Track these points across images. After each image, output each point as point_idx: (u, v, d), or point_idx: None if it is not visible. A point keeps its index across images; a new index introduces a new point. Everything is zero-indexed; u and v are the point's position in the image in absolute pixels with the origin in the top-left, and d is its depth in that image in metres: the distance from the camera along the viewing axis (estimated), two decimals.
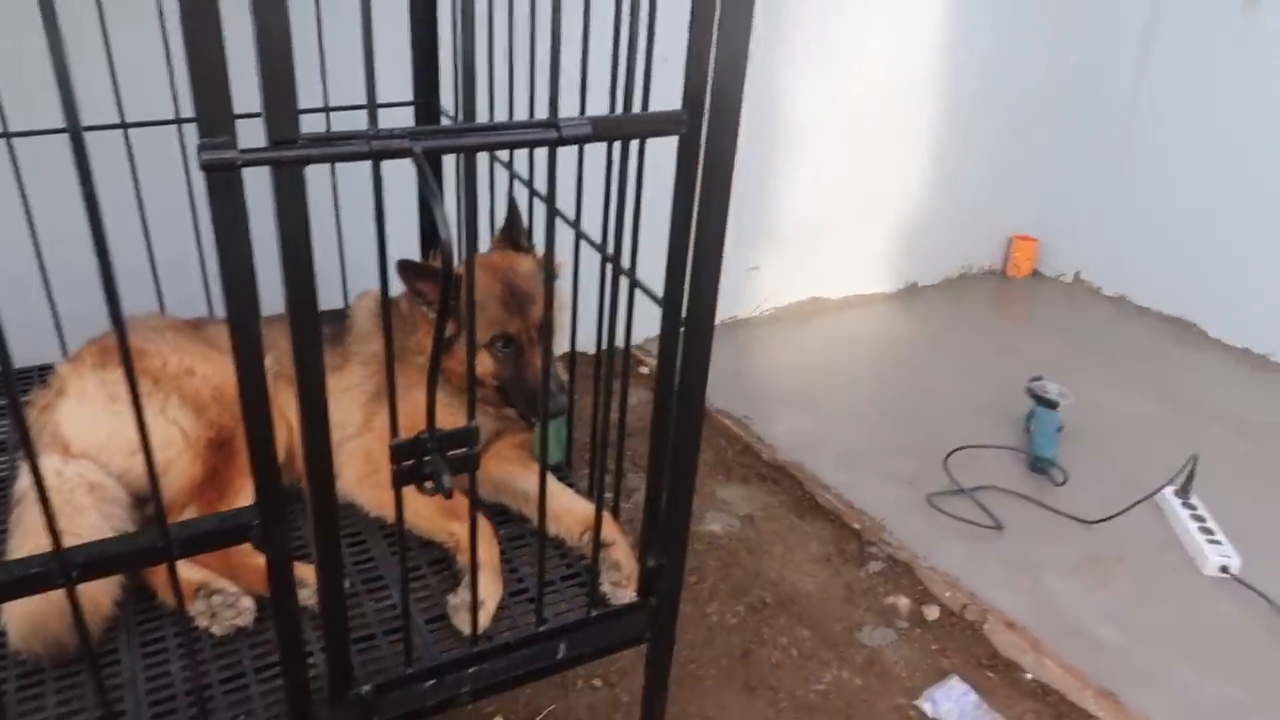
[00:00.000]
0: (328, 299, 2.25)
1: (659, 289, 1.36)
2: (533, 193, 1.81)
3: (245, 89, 0.94)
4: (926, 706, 2.07)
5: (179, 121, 2.05)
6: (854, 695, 2.11)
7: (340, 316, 2.03)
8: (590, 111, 1.29)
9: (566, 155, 1.43)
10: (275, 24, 0.91)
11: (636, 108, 1.30)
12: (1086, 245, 4.03)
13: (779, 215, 3.51)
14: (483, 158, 1.91)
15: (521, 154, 1.85)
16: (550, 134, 1.07)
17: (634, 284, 1.44)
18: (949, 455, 2.83)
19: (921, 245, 3.95)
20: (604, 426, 1.57)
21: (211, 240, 0.97)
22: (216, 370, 1.80)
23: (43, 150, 1.94)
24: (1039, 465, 2.77)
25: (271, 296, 1.07)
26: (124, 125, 2.03)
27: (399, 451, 1.23)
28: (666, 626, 1.64)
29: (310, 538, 1.26)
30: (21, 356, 2.11)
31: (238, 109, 0.93)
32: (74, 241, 2.07)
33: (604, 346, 1.58)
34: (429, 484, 1.27)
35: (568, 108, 1.23)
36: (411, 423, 1.89)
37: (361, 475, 1.83)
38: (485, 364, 1.83)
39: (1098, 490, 2.69)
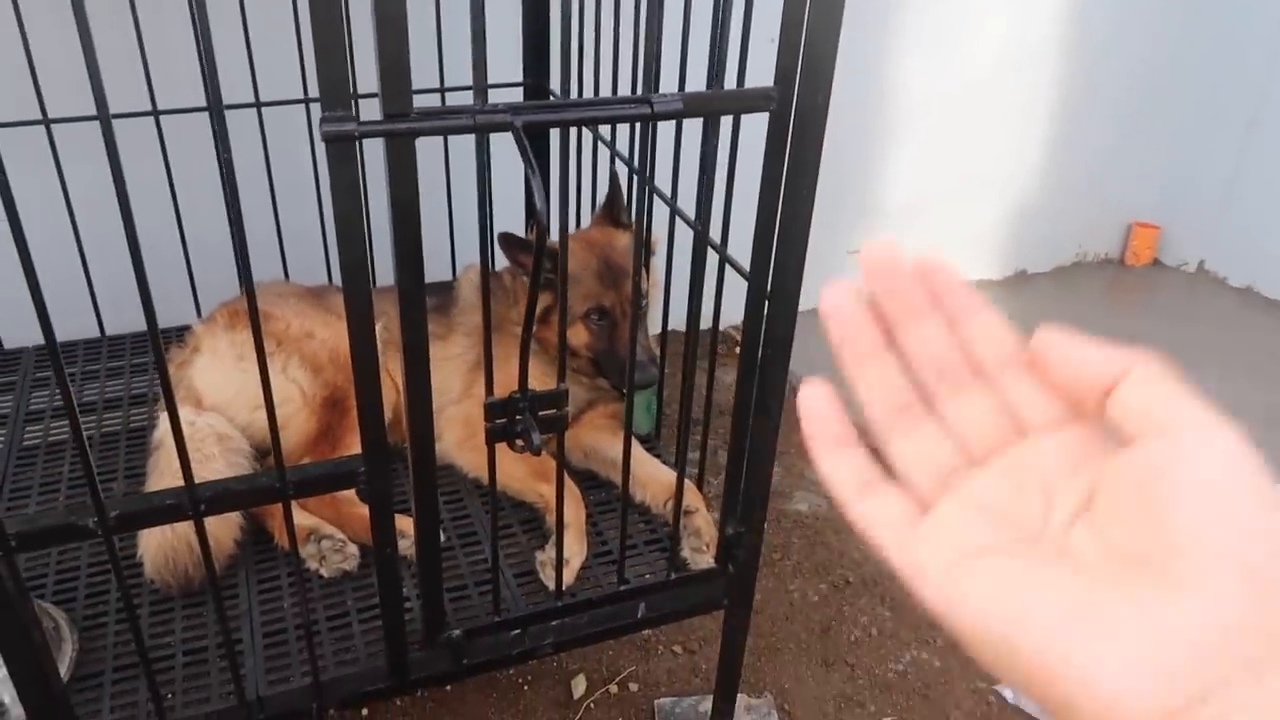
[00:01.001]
0: (437, 272, 2.37)
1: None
2: (631, 170, 1.87)
3: (368, 72, 1.03)
4: (1007, 693, 2.07)
5: (306, 101, 2.18)
6: (932, 676, 2.12)
7: (447, 288, 2.14)
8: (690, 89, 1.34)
9: (667, 133, 1.50)
10: (391, 6, 0.98)
11: (733, 85, 1.34)
12: (1212, 233, 3.85)
13: (882, 197, 3.48)
14: (588, 137, 1.98)
15: (624, 132, 1.91)
16: (644, 109, 1.12)
17: (724, 259, 1.48)
18: None
19: (1032, 230, 3.85)
20: (689, 398, 1.62)
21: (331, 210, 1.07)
22: (333, 334, 1.92)
23: (182, 127, 2.11)
24: None
25: (384, 269, 1.15)
26: (258, 105, 2.17)
27: (492, 409, 1.31)
28: (743, 593, 1.69)
29: (413, 491, 1.35)
30: (162, 318, 2.30)
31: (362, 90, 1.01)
32: (208, 213, 2.25)
33: (693, 321, 1.63)
34: (519, 442, 1.34)
35: (670, 86, 1.28)
36: (509, 390, 1.99)
37: (461, 439, 1.93)
38: (580, 335, 1.91)
39: None
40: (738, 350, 3.09)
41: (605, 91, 1.85)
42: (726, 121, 1.33)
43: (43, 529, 1.17)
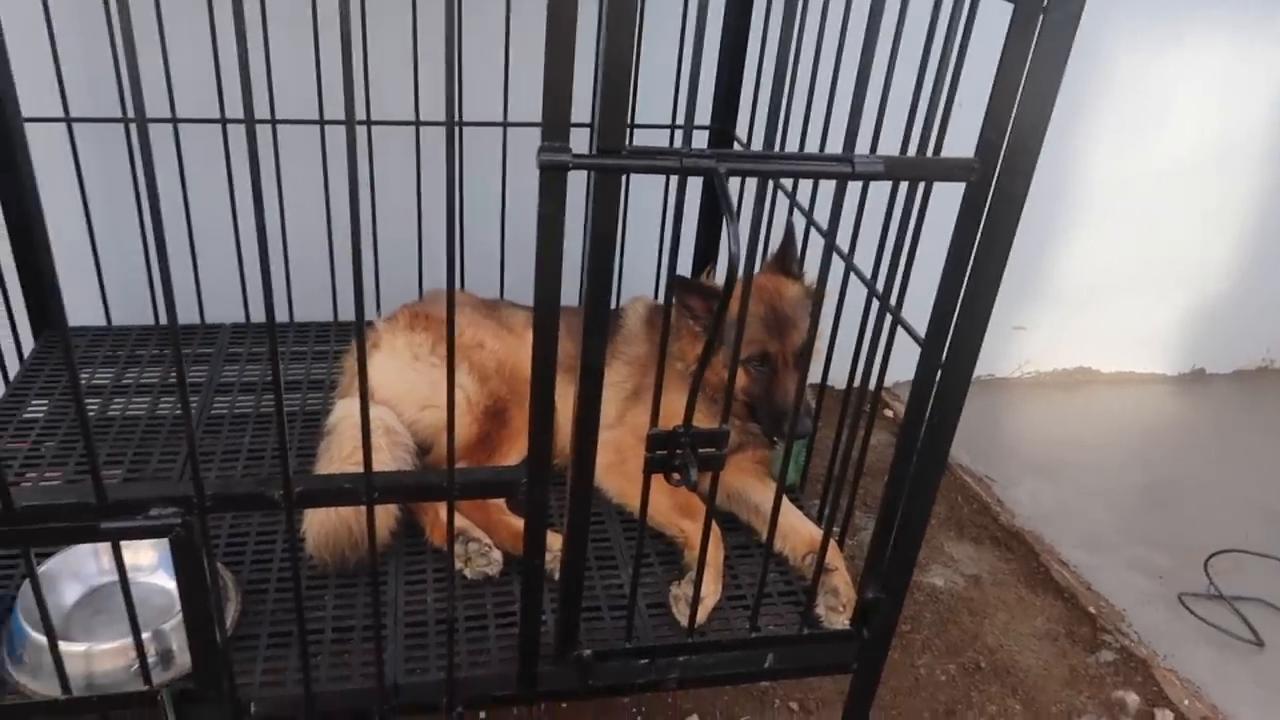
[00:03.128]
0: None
1: (920, 331, 1.39)
2: (810, 224, 1.88)
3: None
4: None
5: (505, 125, 2.29)
6: None
7: (611, 317, 2.19)
8: (881, 150, 1.35)
9: (851, 191, 1.51)
10: (621, 49, 1.04)
11: (923, 151, 1.34)
12: None
13: (1055, 276, 3.37)
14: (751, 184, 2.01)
15: (805, 184, 1.93)
16: (844, 168, 1.14)
17: (897, 321, 1.47)
18: (1211, 557, 2.61)
19: (1216, 329, 3.64)
20: (845, 456, 1.61)
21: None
22: (502, 346, 2.01)
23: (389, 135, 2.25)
24: None
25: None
26: (459, 124, 2.30)
27: (654, 441, 1.34)
28: (875, 660, 1.66)
29: (567, 509, 1.39)
30: (343, 313, 2.43)
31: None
32: (393, 219, 2.37)
33: (858, 379, 1.63)
34: (675, 476, 1.36)
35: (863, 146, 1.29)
36: (663, 423, 2.02)
37: (610, 464, 1.97)
38: (739, 379, 1.92)
39: None
40: (886, 413, 3.05)
41: (791, 145, 1.88)
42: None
43: (235, 495, 1.27)
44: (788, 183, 1.97)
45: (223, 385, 2.18)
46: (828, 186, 1.63)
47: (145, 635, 1.31)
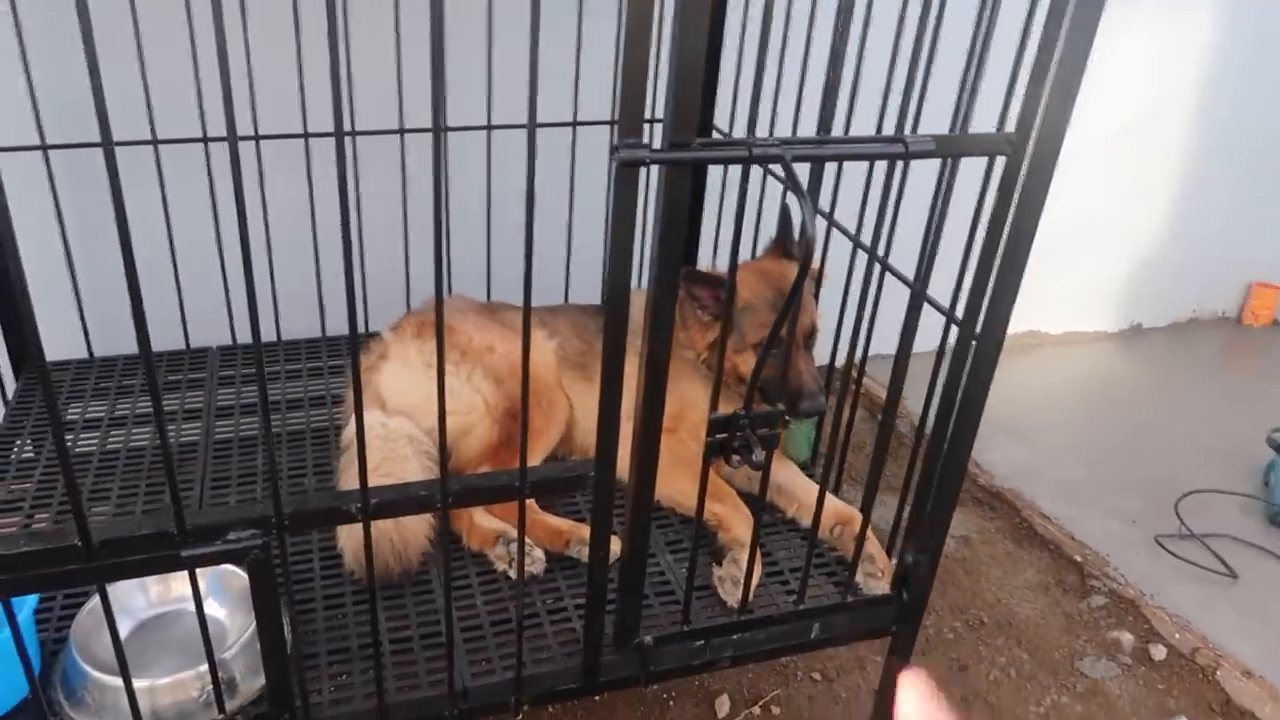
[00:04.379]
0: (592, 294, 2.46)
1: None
2: (801, 202, 1.94)
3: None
4: None
5: (575, 124, 2.31)
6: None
7: None
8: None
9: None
10: (693, 46, 1.07)
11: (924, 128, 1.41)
12: None
13: None
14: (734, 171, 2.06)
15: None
16: (898, 148, 1.19)
17: (921, 297, 1.54)
18: (1179, 500, 2.77)
19: (1150, 286, 3.84)
20: (888, 429, 1.66)
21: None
22: (512, 348, 2.01)
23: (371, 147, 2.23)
24: None
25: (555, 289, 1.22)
26: (533, 125, 2.29)
27: (715, 425, 1.38)
28: (913, 621, 1.73)
29: (629, 501, 1.42)
30: (338, 326, 2.41)
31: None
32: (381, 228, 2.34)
33: (856, 355, 1.69)
34: (736, 457, 1.40)
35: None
36: (678, 409, 2.05)
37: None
38: (751, 363, 1.97)
39: None
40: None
41: (761, 132, 1.94)
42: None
43: (312, 512, 1.27)
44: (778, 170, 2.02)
45: (222, 409, 2.14)
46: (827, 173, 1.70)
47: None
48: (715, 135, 2.39)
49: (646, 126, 1.09)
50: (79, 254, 2.17)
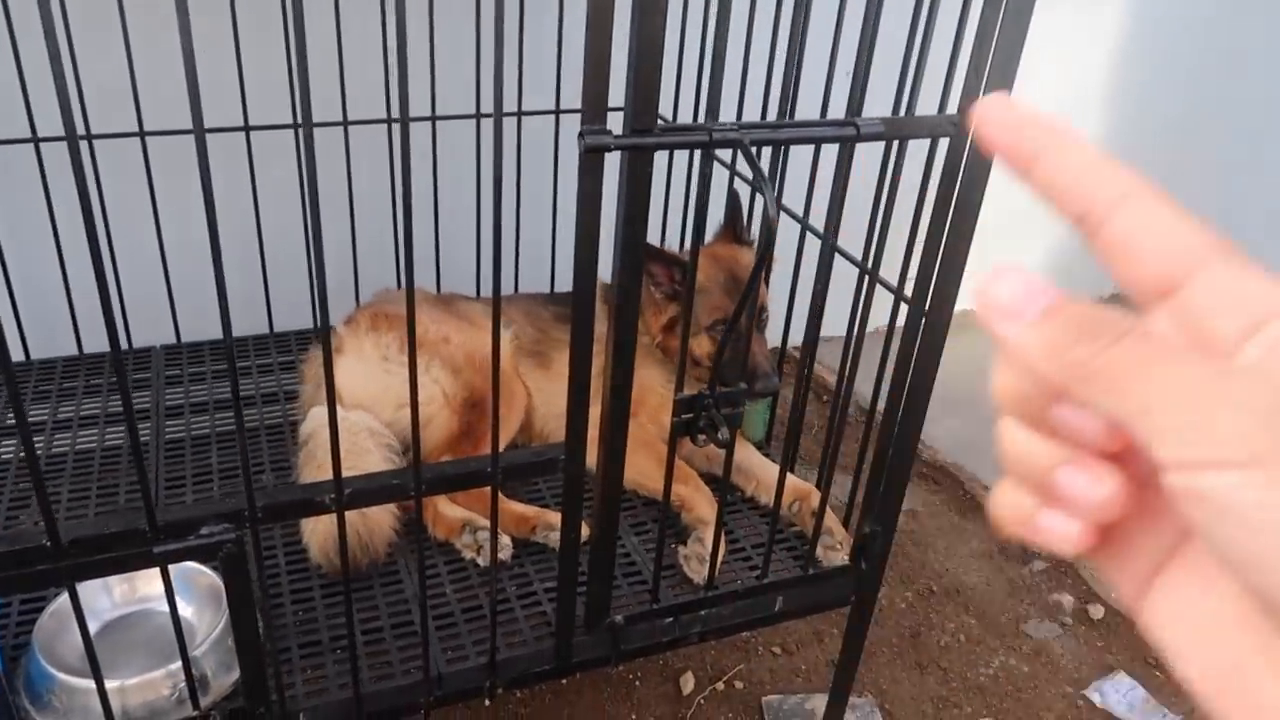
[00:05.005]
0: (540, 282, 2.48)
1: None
2: (757, 189, 1.98)
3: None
4: (1095, 697, 2.16)
5: (557, 113, 2.34)
6: (1022, 681, 2.21)
7: (566, 299, 2.24)
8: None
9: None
10: (652, 34, 1.10)
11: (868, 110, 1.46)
12: (1261, 261, 4.01)
13: None
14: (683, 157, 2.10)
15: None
16: (849, 131, 1.24)
17: (873, 279, 1.59)
18: None
19: (1071, 264, 3.99)
20: (843, 402, 1.71)
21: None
22: (468, 339, 2.02)
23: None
24: None
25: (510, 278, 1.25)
26: (519, 114, 2.31)
27: (680, 405, 1.41)
28: (870, 590, 1.79)
29: (597, 482, 1.44)
30: (294, 321, 2.39)
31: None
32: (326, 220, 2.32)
33: (812, 335, 1.75)
34: (702, 437, 1.44)
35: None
36: (637, 394, 2.07)
37: (592, 439, 2.02)
38: (703, 345, 2.01)
39: None
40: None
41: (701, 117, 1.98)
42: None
43: (285, 504, 1.27)
44: (725, 156, 2.06)
45: (171, 409, 2.11)
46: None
47: (180, 663, 1.29)
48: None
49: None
50: (12, 255, 2.12)
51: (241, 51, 2.07)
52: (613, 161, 1.14)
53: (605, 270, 1.94)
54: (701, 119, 2.00)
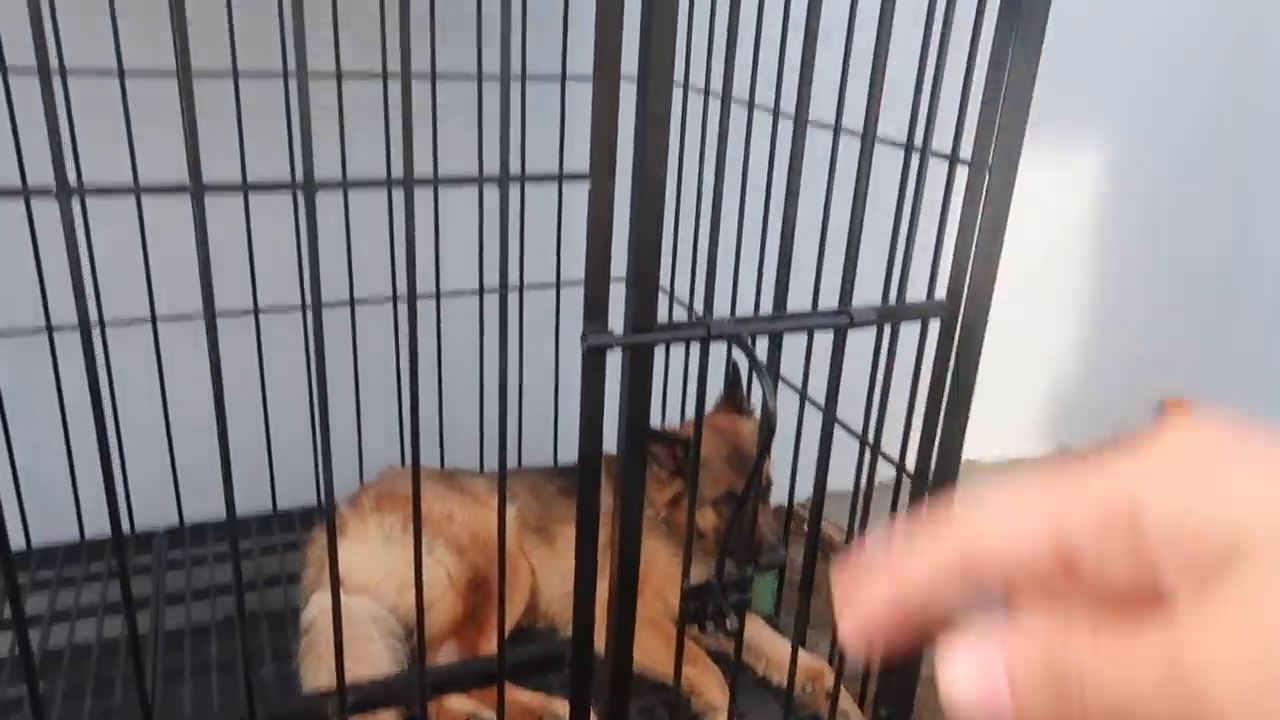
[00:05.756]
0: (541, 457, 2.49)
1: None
2: (754, 366, 2.02)
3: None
4: None
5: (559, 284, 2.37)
6: None
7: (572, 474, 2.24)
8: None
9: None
10: (649, 234, 1.15)
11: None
12: (1240, 407, 4.03)
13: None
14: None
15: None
16: (843, 320, 1.27)
17: (875, 452, 1.60)
18: None
19: (1072, 408, 4.02)
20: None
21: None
22: (472, 516, 2.01)
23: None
24: None
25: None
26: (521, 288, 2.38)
27: (690, 594, 1.40)
28: None
29: (606, 668, 1.41)
30: (297, 497, 2.39)
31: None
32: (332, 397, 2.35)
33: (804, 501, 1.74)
34: (711, 624, 1.42)
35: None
36: (642, 570, 2.05)
37: (598, 619, 1.99)
38: (708, 519, 2.00)
39: None
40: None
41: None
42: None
43: (285, 715, 1.24)
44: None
45: (172, 594, 2.08)
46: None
47: None
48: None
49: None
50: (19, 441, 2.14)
51: (253, 237, 2.15)
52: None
53: (610, 443, 1.95)
54: (700, 284, 2.06)
